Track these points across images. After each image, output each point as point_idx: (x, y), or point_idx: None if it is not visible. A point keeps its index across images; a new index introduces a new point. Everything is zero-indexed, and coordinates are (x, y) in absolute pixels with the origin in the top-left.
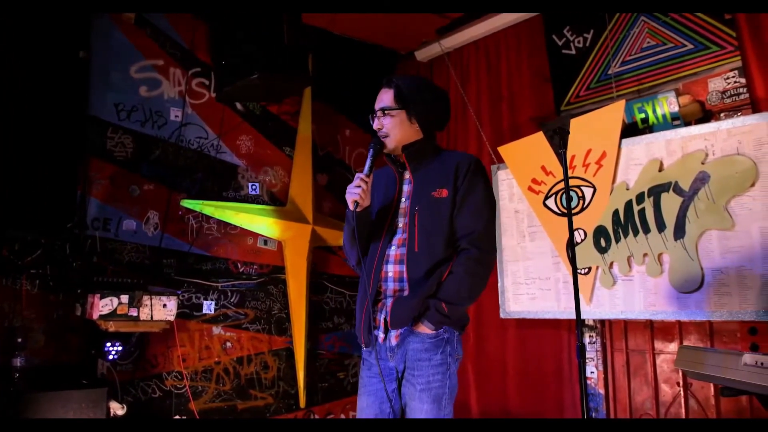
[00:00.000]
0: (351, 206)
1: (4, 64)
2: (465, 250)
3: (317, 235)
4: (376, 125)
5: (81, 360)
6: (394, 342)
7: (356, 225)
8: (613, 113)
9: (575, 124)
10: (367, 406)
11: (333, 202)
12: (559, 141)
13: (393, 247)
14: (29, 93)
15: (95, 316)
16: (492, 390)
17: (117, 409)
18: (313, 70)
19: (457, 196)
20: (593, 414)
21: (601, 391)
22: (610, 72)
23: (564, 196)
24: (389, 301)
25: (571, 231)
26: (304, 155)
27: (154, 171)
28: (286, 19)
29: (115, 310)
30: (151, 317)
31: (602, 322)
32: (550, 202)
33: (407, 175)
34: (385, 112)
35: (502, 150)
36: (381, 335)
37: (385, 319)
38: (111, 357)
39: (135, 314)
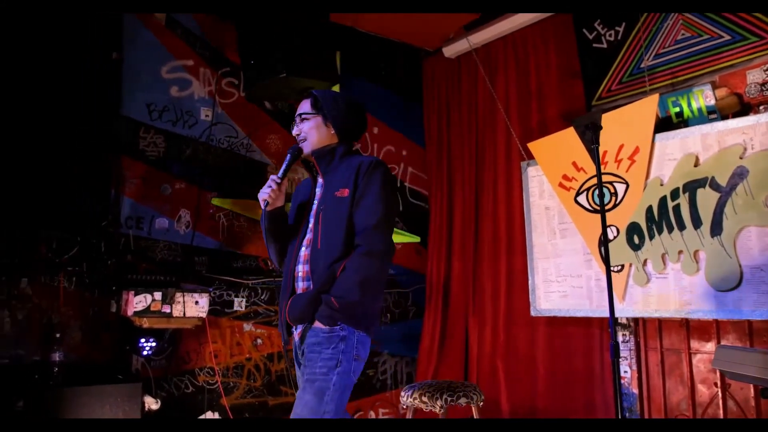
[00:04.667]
0: (262, 205)
1: (42, 67)
2: (358, 246)
3: None
4: (295, 131)
5: (116, 356)
6: (297, 338)
7: (267, 224)
8: (647, 107)
9: (607, 119)
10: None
11: None
12: (591, 136)
13: (303, 248)
14: (65, 94)
15: (129, 313)
16: (522, 389)
17: (151, 403)
18: (341, 69)
19: (356, 195)
20: (627, 414)
21: (635, 390)
22: (642, 65)
23: (596, 192)
24: None
25: (604, 228)
26: None
27: (185, 170)
28: (314, 18)
29: (149, 306)
30: (184, 314)
31: (636, 320)
32: (582, 199)
33: (320, 179)
34: (303, 117)
35: (532, 146)
36: (294, 332)
37: None
38: (145, 353)
39: (168, 311)
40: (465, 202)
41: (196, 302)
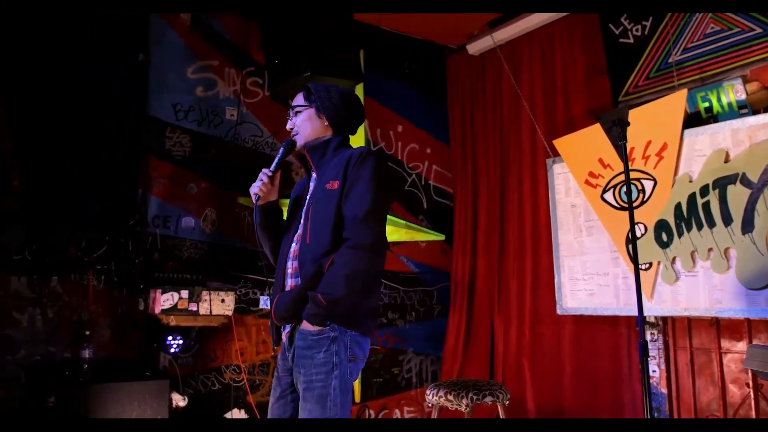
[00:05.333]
0: (253, 199)
1: (70, 70)
2: (346, 239)
3: None
4: (288, 125)
5: (144, 353)
6: (285, 339)
7: (259, 220)
8: (675, 103)
9: (634, 115)
10: (271, 404)
11: None
12: (618, 132)
13: (293, 244)
14: (94, 97)
15: (157, 311)
16: (548, 388)
17: (179, 400)
18: (365, 67)
19: (345, 186)
20: (656, 414)
21: (664, 390)
22: (670, 60)
23: (623, 189)
24: None
25: (632, 225)
26: None
27: (210, 169)
28: (338, 17)
29: (176, 305)
30: (210, 312)
31: (664, 319)
32: (609, 196)
33: (314, 173)
34: (296, 110)
35: (558, 143)
36: (282, 333)
37: None
38: (172, 350)
39: (195, 309)
40: (490, 200)
41: (222, 300)
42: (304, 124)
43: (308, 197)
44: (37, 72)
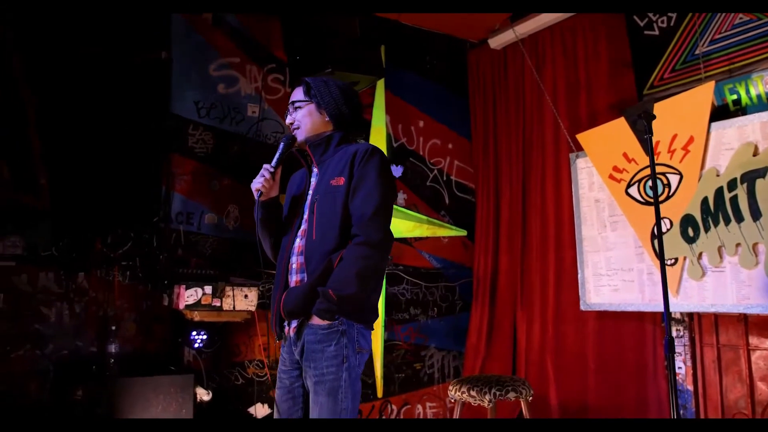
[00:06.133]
0: (255, 195)
1: (95, 69)
2: (355, 236)
3: (392, 227)
4: (288, 120)
5: (168, 348)
6: (292, 334)
7: (261, 215)
8: (702, 95)
9: (660, 108)
10: (279, 398)
11: (408, 193)
12: (643, 126)
13: (297, 239)
14: (118, 95)
15: (181, 306)
16: (571, 384)
17: (203, 395)
18: (386, 62)
19: (352, 183)
20: (682, 411)
21: (690, 387)
22: (697, 52)
23: (648, 183)
24: None
25: (659, 220)
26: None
27: (233, 166)
28: (358, 13)
29: (200, 300)
30: (234, 307)
31: (690, 315)
32: (633, 191)
33: (315, 169)
34: (296, 105)
35: (581, 137)
36: (287, 328)
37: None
38: (196, 345)
39: (218, 304)
40: (512, 195)
41: (245, 296)
42: (305, 120)
43: (311, 193)
44: (63, 72)
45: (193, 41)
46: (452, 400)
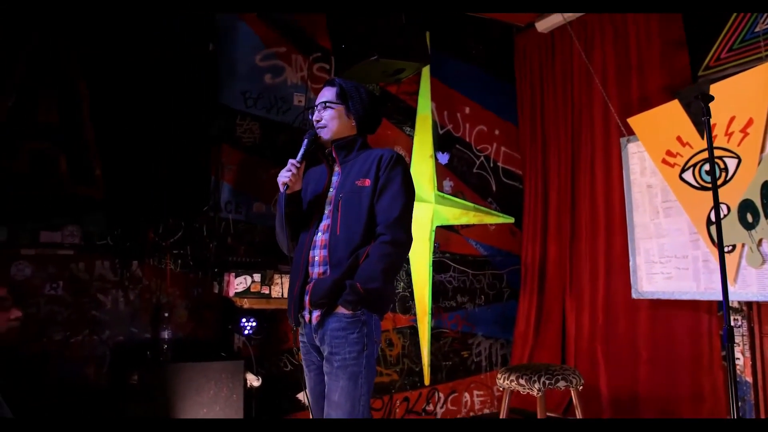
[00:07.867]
0: (281, 188)
1: (146, 64)
2: (381, 235)
3: (439, 214)
4: (315, 117)
5: (218, 334)
6: (315, 322)
7: (285, 208)
8: (762, 75)
9: (716, 89)
10: (308, 375)
11: (454, 180)
12: (700, 108)
13: (319, 234)
14: (168, 88)
15: (231, 294)
16: (623, 374)
17: (253, 381)
18: (431, 48)
19: (378, 186)
20: (740, 404)
21: (749, 379)
22: (757, 29)
23: (703, 168)
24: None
25: (717, 206)
26: (424, 134)
27: (280, 155)
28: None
29: (249, 288)
30: (282, 295)
31: (749, 304)
32: (688, 175)
33: (337, 168)
34: (327, 105)
35: (633, 121)
36: (308, 316)
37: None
38: (246, 332)
39: (267, 292)
40: (561, 181)
41: None
42: (333, 121)
43: (334, 190)
44: (115, 66)
45: (239, 32)
46: (500, 389)
